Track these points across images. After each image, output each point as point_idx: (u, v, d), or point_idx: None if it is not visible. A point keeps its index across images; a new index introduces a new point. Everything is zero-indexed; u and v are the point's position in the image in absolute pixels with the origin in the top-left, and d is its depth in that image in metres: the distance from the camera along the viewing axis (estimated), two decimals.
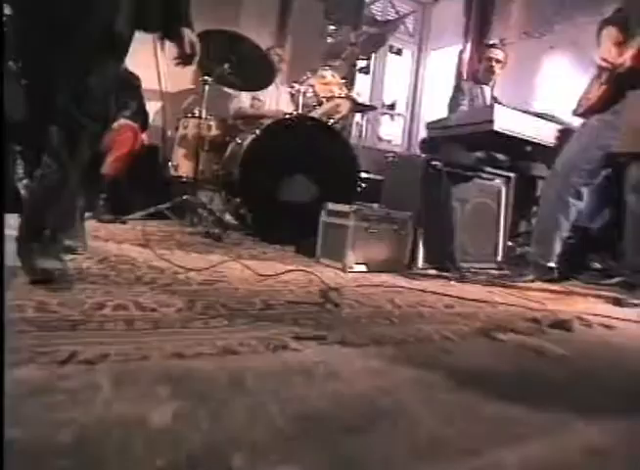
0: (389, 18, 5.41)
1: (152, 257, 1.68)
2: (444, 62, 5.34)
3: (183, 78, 3.73)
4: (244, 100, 3.51)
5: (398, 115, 5.54)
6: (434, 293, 1.60)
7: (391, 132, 5.49)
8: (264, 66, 2.96)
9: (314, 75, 2.94)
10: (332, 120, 2.81)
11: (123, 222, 2.72)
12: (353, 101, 3.02)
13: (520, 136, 2.36)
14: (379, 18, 5.31)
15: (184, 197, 2.93)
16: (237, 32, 2.92)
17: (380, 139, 5.25)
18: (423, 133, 5.48)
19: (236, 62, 2.88)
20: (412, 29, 5.55)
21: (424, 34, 5.55)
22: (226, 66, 2.91)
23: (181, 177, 3.09)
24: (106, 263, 1.54)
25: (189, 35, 1.39)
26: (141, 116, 3.25)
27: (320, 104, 2.87)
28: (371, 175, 3.74)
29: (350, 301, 1.35)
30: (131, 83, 3.20)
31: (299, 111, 2.84)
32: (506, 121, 2.29)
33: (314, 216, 2.13)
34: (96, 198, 2.71)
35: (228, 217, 3.07)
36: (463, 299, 1.55)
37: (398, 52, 5.43)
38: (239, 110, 3.48)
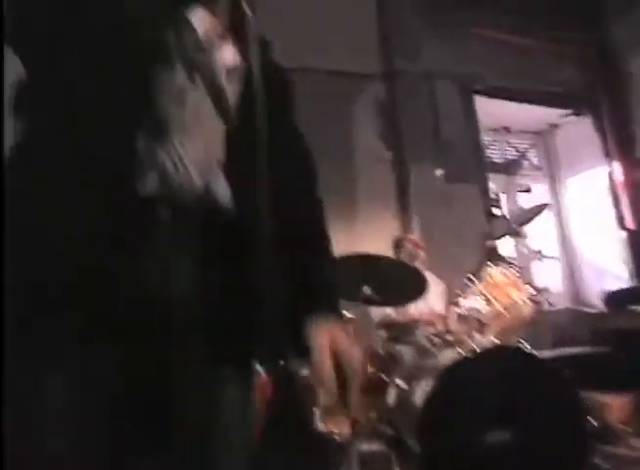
0: (510, 158, 4.87)
1: None
2: (587, 187, 4.55)
3: None
4: None
5: (549, 258, 4.66)
6: None
7: (546, 280, 4.57)
8: (413, 277, 2.38)
9: (479, 278, 2.27)
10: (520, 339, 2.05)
11: None
12: (538, 301, 2.27)
13: None
14: (498, 161, 4.78)
15: None
16: (370, 254, 2.42)
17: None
18: (590, 276, 4.57)
19: (377, 282, 2.33)
20: (538, 162, 4.92)
21: (553, 165, 4.88)
22: (365, 288, 2.35)
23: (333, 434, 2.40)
24: None
25: None
26: None
27: (498, 317, 2.15)
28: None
29: None
30: None
31: (475, 334, 2.12)
32: None
33: None
34: None
35: None
36: None
37: (528, 190, 4.75)
38: (384, 317, 2.88)
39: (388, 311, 2.91)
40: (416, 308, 3.04)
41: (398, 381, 2.22)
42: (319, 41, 3.68)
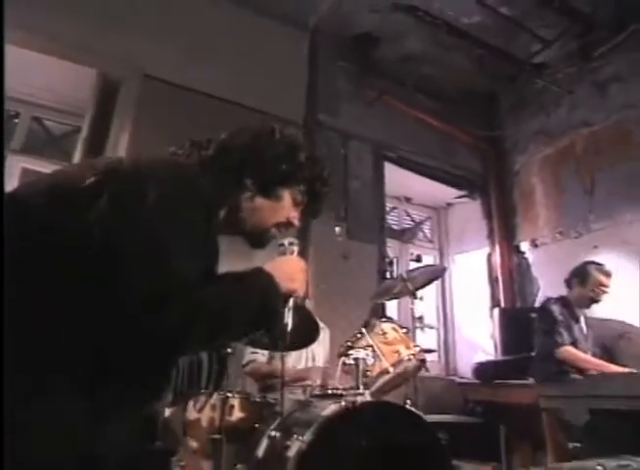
0: (406, 226, 5.12)
1: None
2: (472, 266, 4.90)
3: None
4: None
5: (430, 327, 4.87)
6: None
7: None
8: (306, 321, 2.29)
9: (370, 331, 2.24)
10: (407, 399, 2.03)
11: None
12: (423, 360, 2.30)
13: None
14: (395, 227, 5.00)
15: None
16: None
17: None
18: (462, 348, 4.83)
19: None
20: (430, 235, 5.23)
21: (443, 239, 5.23)
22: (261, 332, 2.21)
23: None
24: None
25: None
26: None
27: (384, 372, 2.12)
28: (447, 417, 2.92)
29: None
30: None
31: (359, 385, 2.06)
32: None
33: None
34: None
35: None
36: None
37: (418, 258, 5.00)
38: (253, 363, 2.74)
39: (260, 359, 2.77)
40: (298, 358, 2.95)
41: (273, 432, 2.06)
42: (254, 82, 3.74)
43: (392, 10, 4.04)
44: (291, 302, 1.17)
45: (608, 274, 3.13)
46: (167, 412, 2.83)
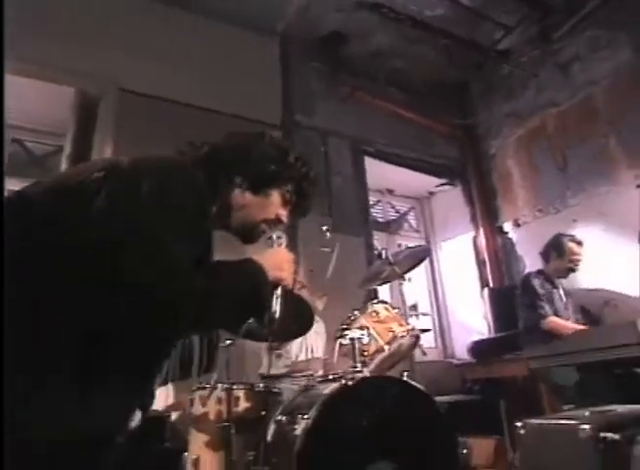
0: (391, 218, 5.23)
1: None
2: (459, 251, 5.02)
3: None
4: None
5: (424, 315, 4.96)
6: None
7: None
8: (301, 309, 2.37)
9: (363, 313, 2.33)
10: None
11: None
12: (417, 336, 2.39)
13: None
14: (381, 220, 5.11)
15: None
16: None
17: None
18: (457, 331, 4.94)
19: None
20: (416, 225, 5.35)
21: (429, 228, 5.34)
22: (251, 320, 2.28)
23: None
24: None
25: None
26: None
27: (380, 350, 2.21)
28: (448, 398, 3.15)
29: None
30: None
31: (357, 364, 2.14)
32: None
33: None
34: None
35: None
36: None
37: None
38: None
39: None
40: (299, 351, 3.03)
41: (279, 416, 2.14)
42: (230, 89, 3.83)
43: (357, 8, 4.16)
44: (279, 290, 1.23)
45: (580, 243, 3.32)
46: (174, 415, 2.90)
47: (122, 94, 3.48)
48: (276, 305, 1.23)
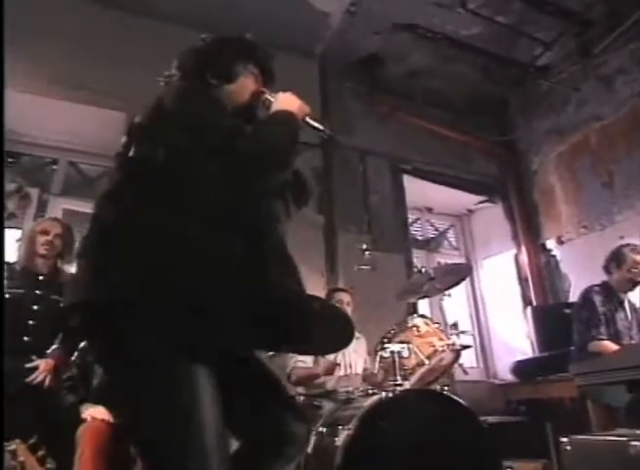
0: (431, 236, 5.20)
1: None
2: (500, 269, 4.93)
3: None
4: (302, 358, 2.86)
5: (463, 333, 4.86)
6: None
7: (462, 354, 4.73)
8: (342, 323, 2.39)
9: (403, 328, 2.34)
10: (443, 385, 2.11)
11: None
12: (457, 351, 2.37)
13: None
14: (420, 238, 5.09)
15: None
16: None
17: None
18: (499, 351, 4.81)
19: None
20: (456, 243, 5.29)
21: (468, 246, 5.28)
22: None
23: None
24: None
25: None
26: None
27: (420, 364, 2.20)
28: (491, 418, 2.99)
29: None
30: None
31: (397, 378, 2.14)
32: None
33: None
34: None
35: None
36: None
37: None
38: (294, 371, 2.80)
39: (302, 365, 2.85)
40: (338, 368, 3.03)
41: (320, 428, 2.15)
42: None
43: (394, 30, 4.24)
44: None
45: None
46: None
47: None
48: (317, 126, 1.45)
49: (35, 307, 2.41)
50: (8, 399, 1.81)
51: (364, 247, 4.05)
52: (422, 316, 2.45)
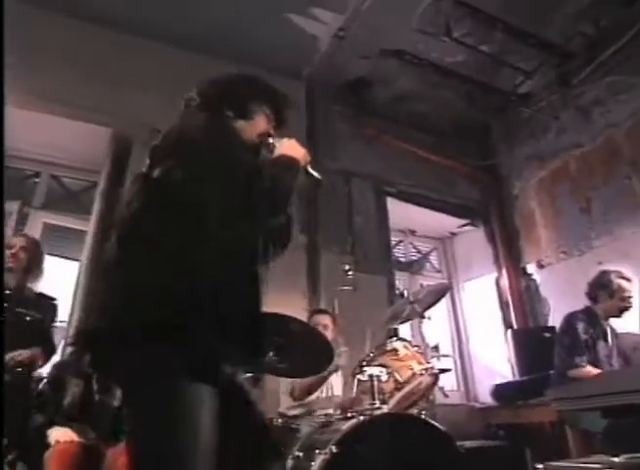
0: (413, 258, 5.24)
1: None
2: (481, 292, 4.97)
3: None
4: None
5: (445, 356, 4.86)
6: None
7: (443, 377, 4.72)
8: (320, 347, 2.37)
9: (382, 351, 2.33)
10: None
11: None
12: (436, 375, 2.37)
13: None
14: (403, 260, 5.12)
15: None
16: (278, 313, 2.39)
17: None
18: (480, 374, 4.82)
19: (284, 346, 2.29)
20: (438, 265, 5.33)
21: (451, 268, 5.32)
22: (271, 353, 2.30)
23: None
24: None
25: None
26: None
27: (399, 388, 2.19)
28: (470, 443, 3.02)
29: None
30: None
31: (375, 401, 2.13)
32: None
33: None
34: None
35: None
36: None
37: None
38: (298, 385, 2.76)
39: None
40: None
41: (296, 452, 2.12)
42: None
43: (381, 55, 4.34)
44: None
45: (629, 279, 3.05)
46: None
47: (156, 135, 3.65)
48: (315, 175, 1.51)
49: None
50: None
51: (347, 267, 4.07)
52: (401, 340, 2.45)
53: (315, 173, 1.49)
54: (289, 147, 1.43)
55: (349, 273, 4.08)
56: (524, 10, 4.03)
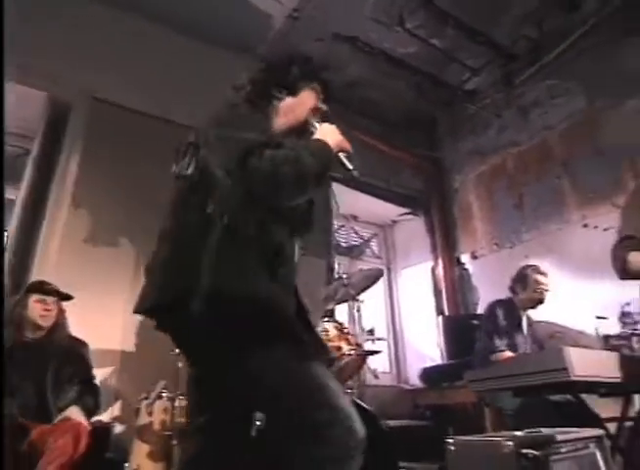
0: (354, 243, 5.34)
1: None
2: (417, 279, 5.15)
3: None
4: None
5: (379, 339, 5.02)
6: None
7: (376, 359, 4.89)
8: None
9: None
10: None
11: None
12: (364, 356, 2.46)
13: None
14: (344, 244, 5.21)
15: None
16: None
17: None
18: (412, 357, 5.02)
19: None
20: (378, 251, 5.47)
21: (390, 255, 5.47)
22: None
23: None
24: None
25: None
26: (89, 396, 2.48)
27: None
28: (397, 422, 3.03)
29: None
30: (75, 352, 2.53)
31: None
32: None
33: None
34: None
35: None
36: None
37: None
38: None
39: None
40: None
41: None
42: (208, 109, 3.90)
43: (335, 39, 4.34)
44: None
45: (544, 274, 3.31)
46: (118, 427, 2.86)
47: (95, 103, 3.51)
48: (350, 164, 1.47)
49: None
50: None
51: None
52: (334, 321, 2.52)
53: (348, 164, 1.45)
54: (325, 132, 1.44)
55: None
56: (475, 8, 4.15)
